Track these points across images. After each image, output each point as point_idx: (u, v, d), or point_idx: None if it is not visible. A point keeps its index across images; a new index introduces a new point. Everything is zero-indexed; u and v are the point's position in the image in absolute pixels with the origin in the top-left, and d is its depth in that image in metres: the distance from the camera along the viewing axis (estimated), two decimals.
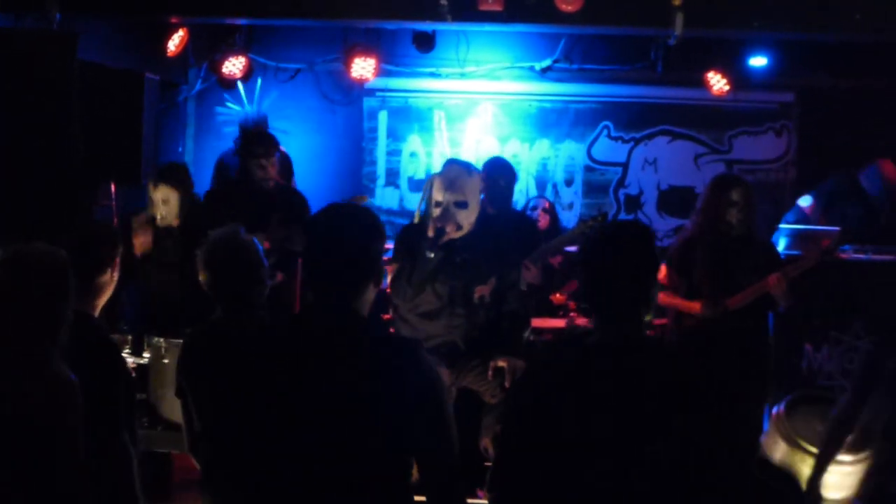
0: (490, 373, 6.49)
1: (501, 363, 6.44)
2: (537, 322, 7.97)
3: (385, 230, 3.80)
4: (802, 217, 8.81)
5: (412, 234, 6.91)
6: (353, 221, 3.68)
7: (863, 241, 8.11)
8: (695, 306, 7.15)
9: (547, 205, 9.64)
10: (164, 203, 7.80)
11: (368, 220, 3.71)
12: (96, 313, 4.91)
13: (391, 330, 6.60)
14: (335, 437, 3.44)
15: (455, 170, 6.81)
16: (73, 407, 3.98)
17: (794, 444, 5.54)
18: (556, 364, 3.68)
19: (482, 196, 7.09)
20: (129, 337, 7.29)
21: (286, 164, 9.28)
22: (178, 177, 7.95)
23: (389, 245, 9.50)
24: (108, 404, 4.51)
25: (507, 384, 6.31)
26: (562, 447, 3.51)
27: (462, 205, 6.65)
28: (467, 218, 6.70)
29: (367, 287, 3.64)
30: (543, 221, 9.32)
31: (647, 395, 3.46)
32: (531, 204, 9.71)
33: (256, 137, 8.48)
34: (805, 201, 9.03)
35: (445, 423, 3.55)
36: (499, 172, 8.21)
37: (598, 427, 3.46)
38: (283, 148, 9.06)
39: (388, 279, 6.84)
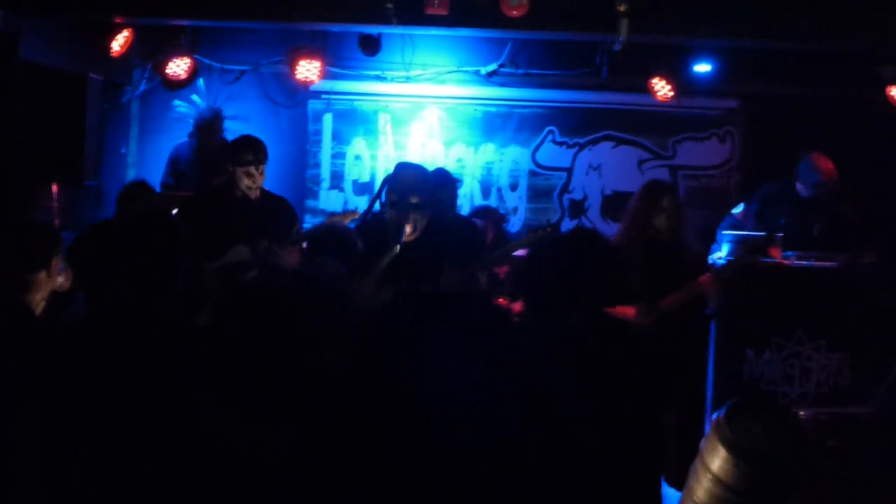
0: None
1: None
2: None
3: None
4: (736, 224, 8.85)
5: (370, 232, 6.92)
6: None
7: (797, 248, 8.17)
8: (628, 311, 7.13)
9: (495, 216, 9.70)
10: None
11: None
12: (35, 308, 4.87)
13: None
14: None
15: (412, 173, 6.87)
16: None
17: (733, 449, 5.56)
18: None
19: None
20: None
21: None
22: None
23: None
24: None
25: None
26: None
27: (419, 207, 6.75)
28: (421, 220, 6.78)
29: None
30: (490, 234, 9.24)
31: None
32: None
33: (245, 143, 7.81)
34: (737, 209, 9.08)
35: None
36: (439, 186, 7.86)
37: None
38: None
39: None
